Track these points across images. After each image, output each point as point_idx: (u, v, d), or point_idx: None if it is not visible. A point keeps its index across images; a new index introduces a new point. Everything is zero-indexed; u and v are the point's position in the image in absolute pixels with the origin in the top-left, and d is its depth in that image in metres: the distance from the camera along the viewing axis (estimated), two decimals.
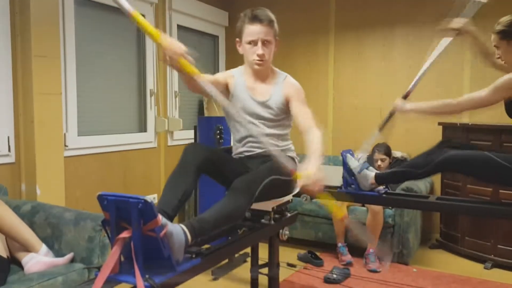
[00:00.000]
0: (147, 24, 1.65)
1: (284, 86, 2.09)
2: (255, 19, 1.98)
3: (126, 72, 3.84)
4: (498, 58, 2.27)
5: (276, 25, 2.03)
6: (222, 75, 2.17)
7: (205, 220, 1.59)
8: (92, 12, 3.47)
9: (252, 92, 2.11)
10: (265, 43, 2.00)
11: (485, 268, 3.50)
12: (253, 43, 2.00)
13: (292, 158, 2.15)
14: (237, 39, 2.07)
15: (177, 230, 1.43)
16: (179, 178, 1.76)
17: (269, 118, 2.08)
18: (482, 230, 3.58)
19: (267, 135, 2.05)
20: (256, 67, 2.05)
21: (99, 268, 1.34)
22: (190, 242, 1.49)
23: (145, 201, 1.28)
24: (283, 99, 2.07)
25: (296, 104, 2.04)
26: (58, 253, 2.29)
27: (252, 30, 1.99)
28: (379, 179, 2.41)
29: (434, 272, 3.43)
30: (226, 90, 2.13)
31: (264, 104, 2.08)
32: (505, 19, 2.22)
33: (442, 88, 4.09)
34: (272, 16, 2.03)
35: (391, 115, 2.53)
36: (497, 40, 2.23)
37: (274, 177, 1.90)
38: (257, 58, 2.01)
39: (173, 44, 1.64)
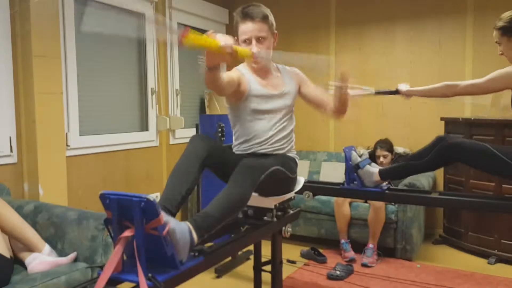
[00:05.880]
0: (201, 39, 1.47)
1: (290, 74, 2.17)
2: (246, 16, 1.95)
3: (127, 71, 3.83)
4: (501, 54, 2.26)
5: (271, 18, 1.98)
6: (235, 74, 2.01)
7: (210, 215, 1.56)
8: (93, 11, 3.46)
9: (267, 87, 2.05)
10: (259, 39, 1.95)
11: (488, 263, 3.49)
12: (248, 41, 1.96)
13: (293, 159, 2.13)
14: (235, 37, 1.98)
15: (183, 228, 1.42)
16: (183, 174, 1.73)
17: (285, 108, 2.07)
18: (485, 225, 3.57)
19: (276, 129, 2.04)
20: (254, 65, 2.03)
21: (102, 267, 1.34)
22: (196, 242, 1.48)
23: (148, 199, 1.28)
24: (296, 86, 2.15)
25: (310, 85, 2.18)
26: (61, 253, 2.30)
27: (245, 29, 1.95)
28: (383, 174, 2.41)
29: (437, 267, 3.43)
30: (238, 89, 1.98)
31: (282, 95, 2.07)
32: (506, 15, 2.21)
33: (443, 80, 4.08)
34: (265, 11, 1.97)
35: (393, 92, 2.66)
36: (498, 36, 2.23)
37: (278, 167, 1.90)
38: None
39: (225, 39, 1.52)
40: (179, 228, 1.40)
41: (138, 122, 3.95)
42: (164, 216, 1.34)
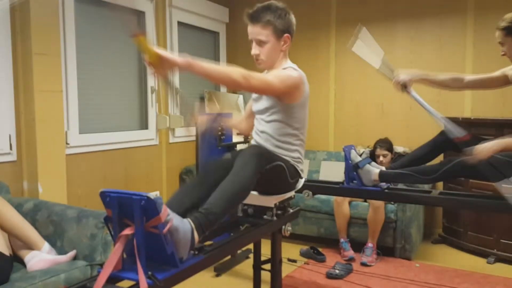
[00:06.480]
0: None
1: None
2: (248, 18, 1.96)
3: (127, 69, 3.83)
4: (503, 54, 2.26)
5: (276, 22, 1.94)
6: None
7: (212, 212, 1.55)
8: (92, 9, 3.46)
9: None
10: (259, 43, 1.96)
11: (488, 262, 3.50)
12: (251, 42, 1.99)
13: (295, 167, 2.09)
14: None
15: (186, 228, 1.41)
16: (196, 186, 1.78)
17: (267, 108, 2.03)
18: (484, 225, 3.58)
19: (260, 129, 2.06)
20: (257, 66, 2.05)
21: (101, 265, 1.34)
22: (197, 241, 1.48)
23: (148, 197, 1.28)
24: None
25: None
26: (60, 251, 2.30)
27: (248, 30, 1.98)
28: (383, 177, 2.40)
29: (436, 267, 3.43)
30: None
31: (258, 98, 2.08)
32: (509, 15, 2.20)
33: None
34: (270, 15, 1.93)
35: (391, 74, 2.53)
36: (501, 37, 2.22)
37: (282, 164, 1.90)
38: (254, 58, 2.01)
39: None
40: (182, 227, 1.39)
41: (138, 121, 3.95)
42: (168, 212, 1.34)
